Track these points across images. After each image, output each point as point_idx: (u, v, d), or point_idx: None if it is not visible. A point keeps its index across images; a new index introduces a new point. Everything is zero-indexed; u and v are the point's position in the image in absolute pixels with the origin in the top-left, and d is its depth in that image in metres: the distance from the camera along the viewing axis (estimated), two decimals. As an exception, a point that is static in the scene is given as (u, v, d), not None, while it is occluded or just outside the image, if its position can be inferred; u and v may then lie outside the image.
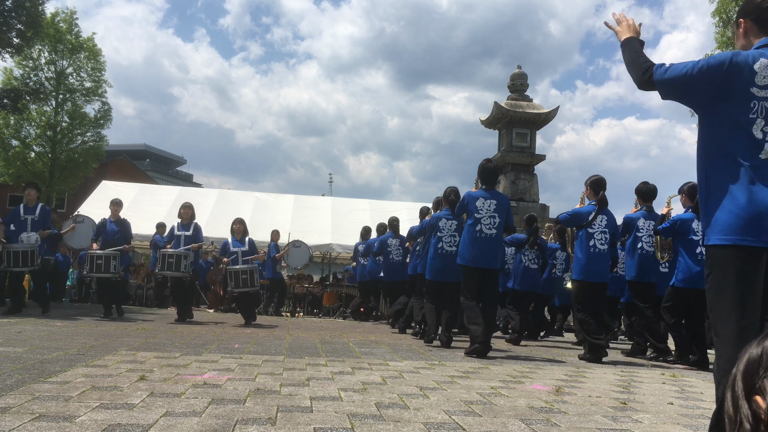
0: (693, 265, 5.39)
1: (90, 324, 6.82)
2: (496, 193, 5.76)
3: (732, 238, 1.97)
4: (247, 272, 8.00)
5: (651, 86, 2.18)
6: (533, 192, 15.34)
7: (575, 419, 2.78)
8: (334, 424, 2.43)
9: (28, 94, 17.68)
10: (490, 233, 5.55)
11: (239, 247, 8.35)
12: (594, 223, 5.70)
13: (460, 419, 2.63)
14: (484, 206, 5.59)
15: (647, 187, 6.35)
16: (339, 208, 16.37)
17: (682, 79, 2.10)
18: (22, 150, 22.00)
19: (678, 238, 5.61)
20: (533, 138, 15.70)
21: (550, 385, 3.80)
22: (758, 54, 2.06)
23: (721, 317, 1.99)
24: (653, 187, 6.34)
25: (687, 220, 5.57)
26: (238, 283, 7.96)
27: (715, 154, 2.07)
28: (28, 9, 14.90)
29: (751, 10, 2.16)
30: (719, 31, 15.46)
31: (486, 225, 5.54)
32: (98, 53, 22.58)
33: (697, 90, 2.09)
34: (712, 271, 2.05)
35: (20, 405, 2.48)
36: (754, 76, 2.02)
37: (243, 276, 7.99)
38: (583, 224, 5.76)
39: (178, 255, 7.99)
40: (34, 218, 8.12)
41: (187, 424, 2.31)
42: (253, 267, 8.10)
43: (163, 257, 8.00)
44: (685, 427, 2.79)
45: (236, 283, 7.96)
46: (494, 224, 5.57)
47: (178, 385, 3.11)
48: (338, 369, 4.02)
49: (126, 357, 4.11)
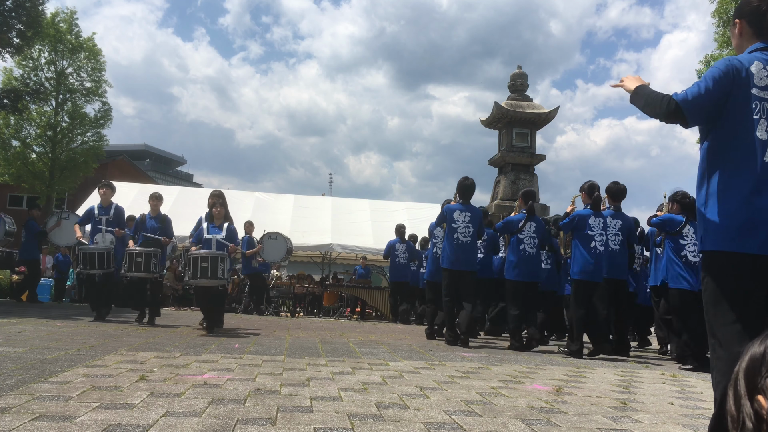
0: (588, 258, 5.93)
1: (90, 324, 6.82)
2: (470, 207, 6.68)
3: (727, 245, 1.96)
4: (208, 260, 6.39)
5: (677, 114, 2.06)
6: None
7: (575, 419, 2.78)
8: (334, 424, 2.43)
9: (28, 95, 17.67)
10: (466, 240, 6.46)
11: (216, 233, 6.75)
12: (524, 230, 6.52)
13: (460, 419, 2.63)
14: (460, 218, 6.51)
15: (617, 187, 6.63)
16: (339, 208, 16.37)
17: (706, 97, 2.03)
18: (22, 150, 22.00)
19: (576, 232, 6.11)
20: (533, 138, 15.69)
21: (550, 385, 3.80)
22: (752, 57, 2.06)
23: (716, 320, 1.98)
24: (623, 187, 6.65)
25: (584, 215, 6.06)
26: (196, 272, 6.36)
27: (717, 160, 2.05)
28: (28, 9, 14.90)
29: (747, 12, 2.15)
30: (719, 31, 15.46)
31: (462, 233, 6.46)
32: (98, 53, 22.59)
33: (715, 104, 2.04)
34: (707, 274, 2.04)
35: (20, 405, 2.48)
36: (751, 77, 2.02)
37: (203, 264, 6.35)
38: (514, 230, 6.57)
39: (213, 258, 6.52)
40: (109, 218, 7.74)
41: (187, 424, 2.31)
42: (219, 255, 6.49)
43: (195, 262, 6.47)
44: (685, 427, 2.79)
45: (194, 273, 6.37)
46: (469, 233, 6.49)
47: (178, 385, 3.11)
48: (338, 369, 4.02)
49: (126, 357, 4.11)
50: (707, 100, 2.04)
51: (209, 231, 6.76)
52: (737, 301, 1.93)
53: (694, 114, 2.07)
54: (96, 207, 7.83)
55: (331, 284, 14.22)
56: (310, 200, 17.34)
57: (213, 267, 6.40)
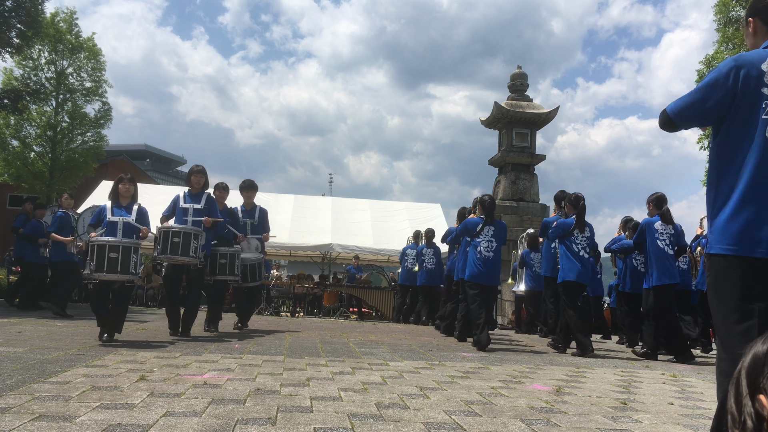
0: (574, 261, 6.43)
1: (90, 324, 6.81)
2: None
3: (731, 248, 1.94)
4: (180, 235, 5.64)
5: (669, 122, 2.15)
6: (533, 192, 15.34)
7: (575, 419, 2.77)
8: (334, 424, 2.42)
9: (28, 95, 17.66)
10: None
11: (191, 203, 6.11)
12: (481, 233, 6.81)
13: (460, 419, 2.63)
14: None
15: (562, 194, 7.30)
16: (339, 208, 16.36)
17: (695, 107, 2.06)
18: (22, 150, 21.97)
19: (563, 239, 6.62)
20: (533, 138, 15.69)
21: (550, 385, 3.80)
22: (765, 54, 1.99)
23: (720, 322, 1.98)
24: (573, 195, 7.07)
25: (568, 224, 6.59)
26: (166, 248, 5.62)
27: (725, 161, 2.02)
28: (28, 9, 14.88)
29: (760, 9, 2.11)
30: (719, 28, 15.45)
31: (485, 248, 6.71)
32: (98, 53, 22.56)
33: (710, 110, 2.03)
34: (711, 276, 2.03)
35: (20, 405, 2.48)
36: (763, 76, 1.96)
37: (174, 240, 5.63)
38: (473, 234, 6.84)
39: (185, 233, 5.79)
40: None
41: (187, 424, 2.31)
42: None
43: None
44: (685, 427, 2.78)
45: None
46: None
47: (178, 385, 3.11)
48: (338, 369, 4.02)
49: (126, 357, 4.11)
50: (697, 109, 2.06)
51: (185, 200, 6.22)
52: (740, 303, 1.93)
53: (685, 124, 2.13)
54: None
55: (331, 284, 14.22)
56: (310, 200, 17.32)
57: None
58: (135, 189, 5.70)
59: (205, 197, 6.23)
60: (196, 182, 6.26)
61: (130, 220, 5.43)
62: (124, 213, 5.47)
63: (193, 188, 6.27)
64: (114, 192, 5.60)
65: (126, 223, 5.40)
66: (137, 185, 5.81)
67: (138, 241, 5.34)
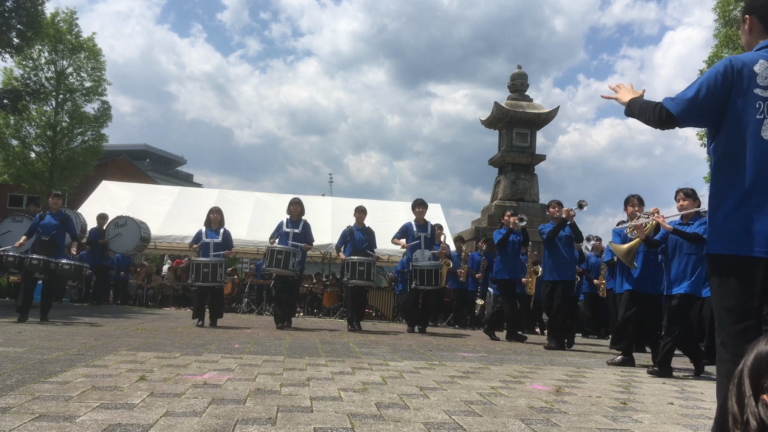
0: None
1: (90, 324, 6.82)
2: None
3: (730, 247, 1.94)
4: (209, 266, 7.71)
5: (670, 119, 2.10)
6: (533, 192, 15.34)
7: (575, 419, 2.78)
8: (334, 424, 2.42)
9: (28, 95, 17.64)
10: None
11: (292, 228, 8.02)
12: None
13: (460, 419, 2.63)
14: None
15: None
16: (339, 207, 16.34)
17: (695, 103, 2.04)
18: (22, 150, 21.96)
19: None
20: (533, 138, 15.70)
21: (550, 385, 3.80)
22: (757, 56, 2.01)
23: (721, 322, 1.98)
24: None
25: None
26: (199, 276, 7.70)
27: (721, 162, 2.03)
28: (28, 9, 14.89)
29: (757, 7, 2.11)
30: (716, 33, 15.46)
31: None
32: (98, 53, 22.55)
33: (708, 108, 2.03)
34: (711, 277, 2.03)
35: (20, 405, 2.48)
36: (755, 77, 1.98)
37: (204, 270, 7.68)
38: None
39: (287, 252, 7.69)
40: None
41: (187, 424, 2.31)
42: (219, 261, 7.78)
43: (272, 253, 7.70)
44: (685, 427, 2.78)
45: (197, 277, 7.71)
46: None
47: (178, 385, 3.11)
48: (338, 369, 4.02)
49: (126, 357, 4.11)
50: (696, 105, 2.03)
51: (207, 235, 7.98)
52: (740, 304, 1.93)
53: (685, 120, 2.09)
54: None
55: (330, 284, 14.21)
56: (310, 200, 17.27)
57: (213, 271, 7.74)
58: (221, 217, 8.04)
59: (302, 224, 8.13)
60: (295, 211, 8.14)
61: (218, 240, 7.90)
62: (214, 235, 7.90)
63: (293, 216, 8.13)
64: (207, 219, 8.02)
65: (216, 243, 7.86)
66: (223, 215, 8.14)
67: (222, 259, 7.89)
